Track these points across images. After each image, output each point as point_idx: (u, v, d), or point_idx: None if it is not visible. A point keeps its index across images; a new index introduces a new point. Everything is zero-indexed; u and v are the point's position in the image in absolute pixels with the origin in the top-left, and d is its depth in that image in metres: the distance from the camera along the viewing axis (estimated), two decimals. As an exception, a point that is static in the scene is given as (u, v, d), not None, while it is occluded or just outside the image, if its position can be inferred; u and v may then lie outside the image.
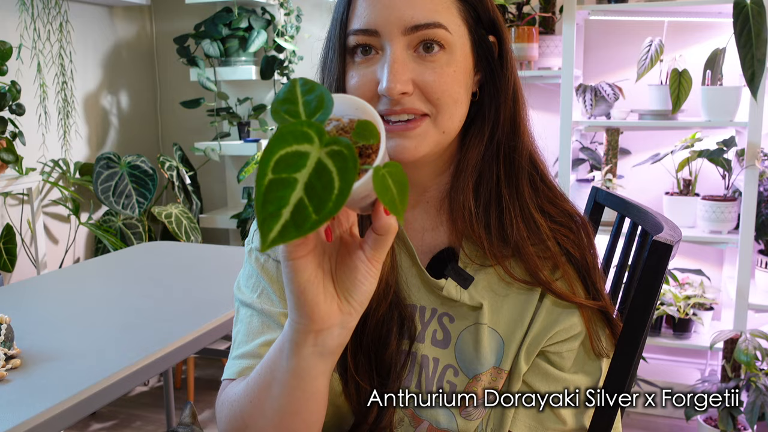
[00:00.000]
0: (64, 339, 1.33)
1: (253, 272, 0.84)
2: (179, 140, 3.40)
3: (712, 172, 2.50)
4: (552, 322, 0.78)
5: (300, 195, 0.45)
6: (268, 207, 0.45)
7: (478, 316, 0.79)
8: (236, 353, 0.81)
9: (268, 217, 0.44)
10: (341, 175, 0.46)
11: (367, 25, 0.72)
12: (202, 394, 2.92)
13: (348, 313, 0.57)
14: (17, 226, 2.70)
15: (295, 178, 0.46)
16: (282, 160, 0.46)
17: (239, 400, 0.68)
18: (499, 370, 0.80)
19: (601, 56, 2.68)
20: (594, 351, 0.79)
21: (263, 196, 0.45)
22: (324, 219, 0.45)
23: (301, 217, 0.45)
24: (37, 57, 2.75)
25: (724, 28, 2.46)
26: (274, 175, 0.45)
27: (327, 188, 0.46)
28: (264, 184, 0.45)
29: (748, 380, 2.20)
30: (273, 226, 0.44)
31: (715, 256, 2.63)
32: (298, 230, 0.44)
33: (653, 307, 0.82)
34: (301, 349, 0.58)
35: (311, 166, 0.46)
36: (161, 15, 3.39)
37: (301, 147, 0.47)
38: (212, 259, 2.06)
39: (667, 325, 2.47)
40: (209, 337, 1.41)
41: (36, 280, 1.84)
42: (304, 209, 0.45)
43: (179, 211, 3.04)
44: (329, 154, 0.47)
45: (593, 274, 0.80)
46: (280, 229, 0.44)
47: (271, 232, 0.44)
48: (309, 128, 0.48)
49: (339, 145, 0.47)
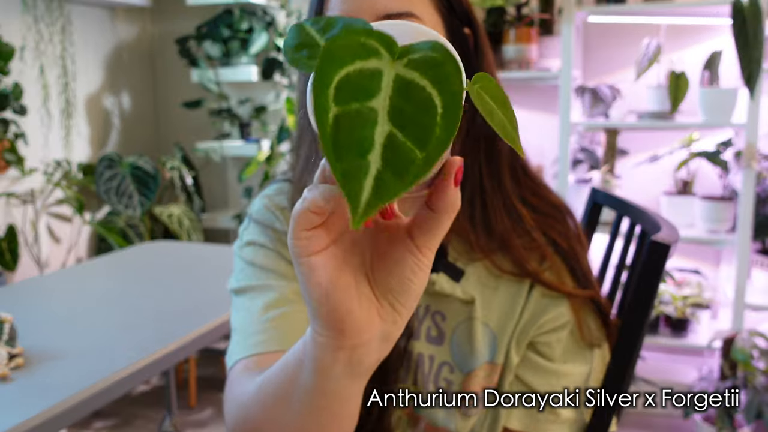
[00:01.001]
0: (67, 338, 1.34)
1: (245, 265, 0.83)
2: (180, 141, 3.42)
3: (709, 172, 2.52)
4: (540, 311, 0.78)
5: (387, 128, 0.34)
6: (346, 156, 0.33)
7: (470, 311, 0.79)
8: (241, 335, 0.76)
9: (349, 173, 0.33)
10: (441, 87, 0.35)
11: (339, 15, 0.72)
12: (203, 393, 2.94)
13: (392, 321, 0.44)
14: (20, 226, 2.72)
15: (371, 108, 0.34)
16: (344, 86, 0.34)
17: (250, 405, 0.60)
18: (492, 365, 0.80)
19: (599, 57, 2.69)
20: (584, 340, 0.79)
21: (332, 141, 0.33)
22: (435, 155, 0.34)
23: (399, 161, 0.33)
24: (40, 58, 2.77)
25: (721, 30, 2.48)
26: (340, 108, 0.34)
27: (425, 109, 0.34)
28: (328, 124, 0.33)
29: (745, 379, 2.21)
30: (361, 183, 0.33)
31: (712, 256, 2.64)
32: (401, 180, 0.33)
33: (651, 307, 0.82)
34: (329, 369, 0.45)
35: (389, 85, 0.35)
36: (162, 16, 3.40)
37: (367, 63, 0.35)
38: (213, 258, 2.07)
39: (664, 325, 2.48)
40: (210, 336, 1.42)
41: (39, 279, 1.86)
42: (399, 147, 0.34)
43: (181, 211, 3.06)
44: (411, 65, 0.35)
45: (582, 263, 0.80)
46: (373, 185, 0.33)
47: (362, 193, 0.33)
48: (369, 38, 0.36)
49: (421, 51, 0.35)
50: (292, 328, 0.75)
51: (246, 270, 0.82)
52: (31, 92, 2.73)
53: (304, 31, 0.41)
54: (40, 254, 2.60)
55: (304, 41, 0.41)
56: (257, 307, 0.76)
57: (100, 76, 3.14)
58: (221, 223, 3.21)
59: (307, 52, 0.40)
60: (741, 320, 2.27)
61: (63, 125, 2.91)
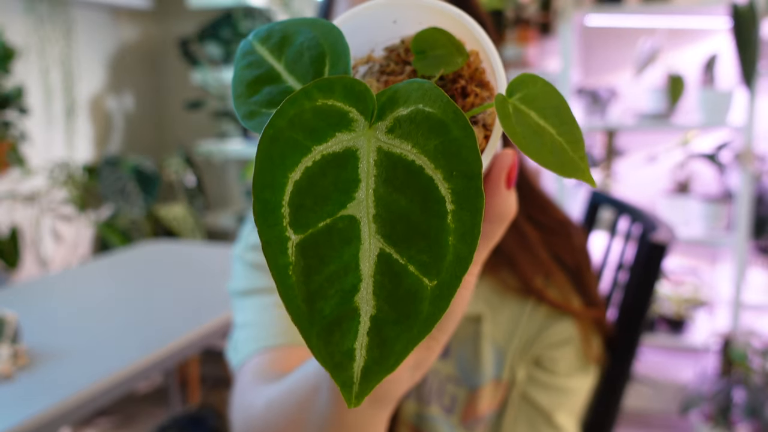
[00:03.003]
0: (70, 337, 1.35)
1: (251, 269, 0.81)
2: (182, 141, 3.44)
3: (706, 172, 2.53)
4: (544, 327, 0.77)
5: (378, 246, 0.23)
6: (322, 308, 0.23)
7: (476, 328, 0.78)
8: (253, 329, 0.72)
9: (330, 336, 0.23)
10: (447, 166, 0.23)
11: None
12: (206, 392, 2.95)
13: (426, 347, 0.38)
14: (23, 227, 2.74)
15: (349, 218, 0.23)
16: (302, 195, 0.23)
17: (257, 423, 0.54)
18: (498, 383, 0.78)
19: (598, 58, 2.71)
20: (587, 356, 0.78)
21: (299, 293, 0.23)
22: (453, 281, 0.23)
23: (402, 298, 0.23)
24: (43, 59, 2.79)
25: (719, 32, 2.49)
26: (302, 233, 0.23)
27: (426, 205, 0.23)
28: (288, 265, 0.22)
29: (742, 378, 2.23)
30: (350, 348, 0.23)
31: (709, 256, 2.66)
32: (408, 329, 0.23)
33: (649, 306, 0.83)
34: None
35: (370, 172, 0.23)
36: (164, 18, 3.42)
37: (332, 144, 0.23)
38: (215, 257, 2.09)
39: (662, 324, 2.50)
40: (214, 335, 1.43)
41: (42, 279, 1.87)
42: (399, 275, 0.23)
43: (183, 210, 3.08)
44: (398, 131, 0.23)
45: (587, 281, 0.79)
46: (368, 345, 0.23)
47: (354, 366, 0.23)
48: (329, 95, 0.23)
49: (410, 100, 0.23)
50: None
51: (253, 273, 0.80)
52: (34, 93, 2.75)
53: (256, 52, 0.30)
54: (44, 254, 2.62)
55: (261, 74, 0.29)
56: (271, 302, 0.73)
57: (102, 78, 3.16)
58: (223, 222, 3.23)
59: (267, 93, 0.28)
60: (738, 319, 2.29)
61: (66, 126, 2.93)
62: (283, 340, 0.70)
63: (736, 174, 2.28)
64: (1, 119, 2.44)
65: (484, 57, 0.31)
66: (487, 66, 0.31)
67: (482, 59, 0.31)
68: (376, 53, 0.33)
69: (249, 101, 0.28)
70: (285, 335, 0.71)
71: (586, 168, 0.28)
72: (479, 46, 0.30)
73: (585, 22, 2.58)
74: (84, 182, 2.95)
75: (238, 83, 0.30)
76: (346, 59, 0.27)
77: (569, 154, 0.27)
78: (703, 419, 2.30)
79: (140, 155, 3.05)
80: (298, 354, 0.69)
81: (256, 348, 0.70)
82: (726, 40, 2.43)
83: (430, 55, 0.29)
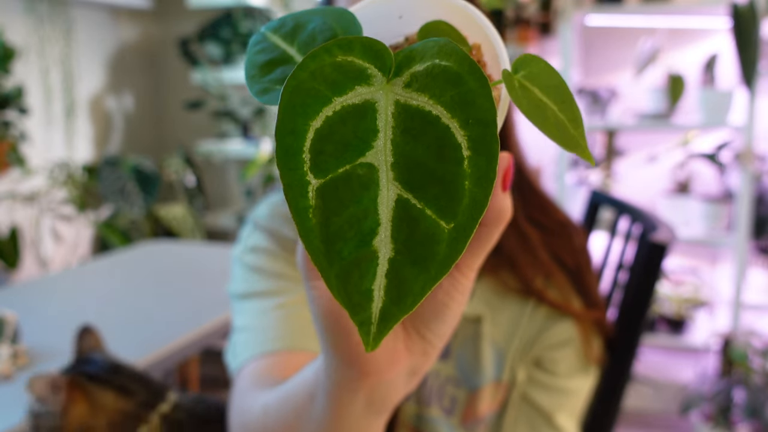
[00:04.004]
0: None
1: (251, 272, 0.80)
2: (182, 141, 3.44)
3: (707, 172, 2.54)
4: (545, 327, 0.77)
5: (395, 193, 0.23)
6: (341, 251, 0.23)
7: (476, 329, 0.77)
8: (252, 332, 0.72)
9: (349, 278, 0.23)
10: (464, 115, 0.23)
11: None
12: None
13: (422, 352, 0.37)
14: (23, 227, 2.74)
15: (367, 166, 0.23)
16: (323, 142, 0.23)
17: (255, 427, 0.54)
18: (498, 384, 0.78)
19: (598, 58, 2.71)
20: (588, 356, 0.78)
21: (319, 234, 0.23)
22: (469, 224, 0.23)
23: (420, 241, 0.23)
24: (43, 59, 2.79)
25: (719, 32, 2.49)
26: (322, 177, 0.23)
27: (443, 152, 0.23)
28: (308, 208, 0.23)
29: (742, 378, 2.23)
30: (369, 289, 0.23)
31: (709, 256, 2.66)
32: (425, 270, 0.23)
33: (649, 306, 0.83)
34: (346, 407, 0.39)
35: (388, 123, 0.24)
36: (164, 18, 3.42)
37: (351, 96, 0.24)
38: (215, 257, 2.09)
39: (662, 324, 2.50)
40: (213, 335, 1.43)
41: (42, 279, 1.87)
42: (417, 219, 0.23)
43: (183, 210, 3.08)
44: (415, 84, 0.24)
45: (588, 282, 0.79)
46: (386, 286, 0.23)
47: (373, 306, 0.23)
48: (349, 52, 0.24)
49: (426, 57, 0.24)
50: (311, 328, 0.72)
51: (252, 276, 0.79)
52: (34, 93, 2.75)
53: (268, 40, 0.30)
54: (44, 254, 2.62)
55: (274, 57, 0.29)
56: (270, 305, 0.73)
57: (102, 78, 3.16)
58: (222, 222, 3.23)
59: (281, 72, 0.29)
60: (738, 319, 2.29)
61: (65, 126, 2.93)
62: (281, 345, 0.70)
63: (736, 174, 2.28)
64: (1, 119, 2.44)
65: (488, 49, 0.32)
66: (490, 59, 0.32)
67: (485, 52, 0.32)
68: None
69: (262, 80, 0.29)
70: (283, 340, 0.71)
71: (585, 145, 0.29)
72: (485, 38, 0.31)
73: (585, 22, 2.58)
74: (84, 182, 2.96)
75: (250, 66, 0.31)
76: None
77: (570, 131, 0.28)
78: (704, 419, 2.30)
79: (140, 155, 3.05)
80: (296, 359, 0.69)
81: (254, 353, 0.70)
82: (726, 40, 2.43)
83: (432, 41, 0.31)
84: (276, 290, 0.76)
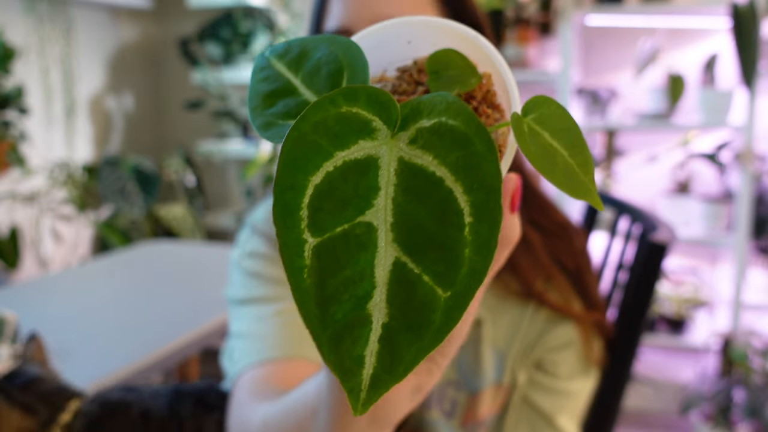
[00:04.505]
0: (70, 337, 1.36)
1: (249, 277, 0.79)
2: (182, 141, 3.44)
3: (707, 172, 2.54)
4: (545, 330, 0.77)
5: (393, 255, 0.23)
6: (334, 313, 0.23)
7: (477, 333, 0.77)
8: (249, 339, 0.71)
9: (341, 342, 0.23)
10: (467, 179, 0.23)
11: (340, 24, 0.67)
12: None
13: (426, 371, 0.37)
14: (23, 227, 2.74)
15: (366, 225, 0.23)
16: (322, 198, 0.23)
17: None
18: (499, 387, 0.78)
19: (598, 58, 2.71)
20: (588, 358, 0.78)
21: (314, 296, 0.23)
22: (466, 293, 0.23)
23: (415, 308, 0.23)
24: (43, 59, 2.79)
25: (719, 32, 2.49)
26: (319, 236, 0.22)
27: (445, 216, 0.23)
28: (304, 268, 0.22)
29: (742, 378, 2.23)
30: (360, 355, 0.23)
31: (709, 256, 2.66)
32: (419, 338, 0.23)
33: (649, 306, 0.83)
34: (349, 424, 0.39)
35: (390, 180, 0.23)
36: (164, 18, 3.43)
37: (354, 150, 0.23)
38: (215, 257, 2.09)
39: (662, 324, 2.50)
40: (213, 335, 1.43)
41: (42, 279, 1.88)
42: (413, 285, 0.23)
43: (183, 210, 3.08)
44: (420, 141, 0.23)
45: (588, 284, 0.79)
46: (378, 352, 0.23)
47: (363, 372, 0.23)
48: (353, 102, 0.24)
49: (434, 112, 0.23)
50: (309, 336, 0.71)
51: (251, 281, 0.79)
52: (34, 93, 2.75)
53: (272, 68, 0.29)
54: (44, 254, 2.62)
55: (277, 87, 0.28)
56: (269, 312, 0.72)
57: (102, 78, 3.16)
58: (222, 222, 3.23)
59: (283, 105, 0.28)
60: (738, 319, 2.29)
61: (66, 126, 2.93)
62: (279, 353, 0.69)
63: (736, 174, 2.28)
64: (1, 119, 2.44)
65: (498, 79, 0.31)
66: (499, 88, 0.31)
67: (495, 82, 0.31)
68: (389, 73, 0.33)
69: (265, 113, 0.28)
70: (281, 347, 0.70)
71: (594, 191, 0.28)
72: (493, 67, 0.31)
73: (585, 22, 2.58)
74: (84, 182, 2.96)
75: (254, 95, 0.30)
76: (365, 74, 0.27)
77: (579, 176, 0.28)
78: (704, 419, 2.30)
79: (140, 155, 3.05)
80: (295, 367, 0.68)
81: (253, 360, 0.69)
82: (726, 40, 2.43)
83: (444, 75, 0.30)
84: (274, 296, 0.76)
